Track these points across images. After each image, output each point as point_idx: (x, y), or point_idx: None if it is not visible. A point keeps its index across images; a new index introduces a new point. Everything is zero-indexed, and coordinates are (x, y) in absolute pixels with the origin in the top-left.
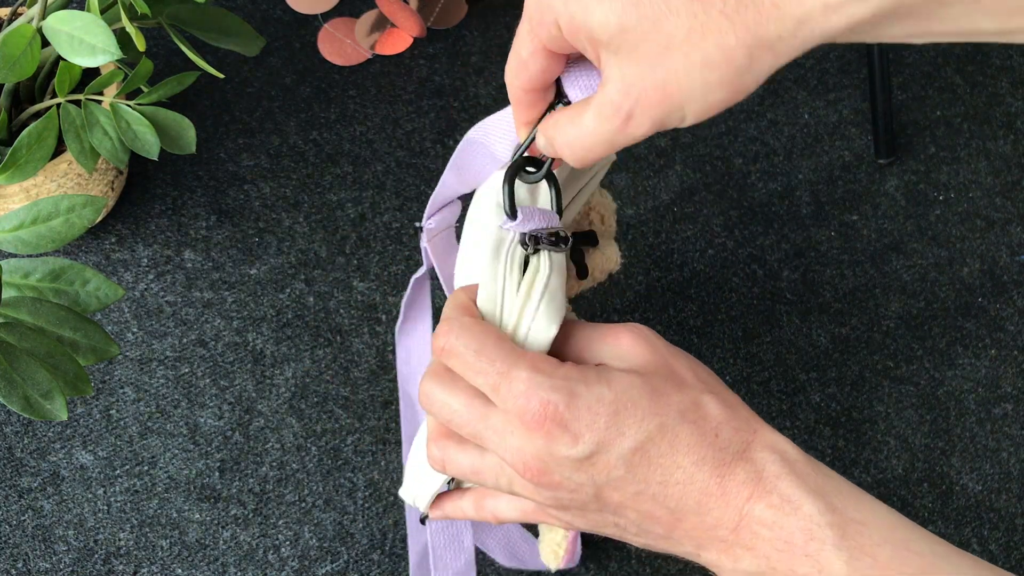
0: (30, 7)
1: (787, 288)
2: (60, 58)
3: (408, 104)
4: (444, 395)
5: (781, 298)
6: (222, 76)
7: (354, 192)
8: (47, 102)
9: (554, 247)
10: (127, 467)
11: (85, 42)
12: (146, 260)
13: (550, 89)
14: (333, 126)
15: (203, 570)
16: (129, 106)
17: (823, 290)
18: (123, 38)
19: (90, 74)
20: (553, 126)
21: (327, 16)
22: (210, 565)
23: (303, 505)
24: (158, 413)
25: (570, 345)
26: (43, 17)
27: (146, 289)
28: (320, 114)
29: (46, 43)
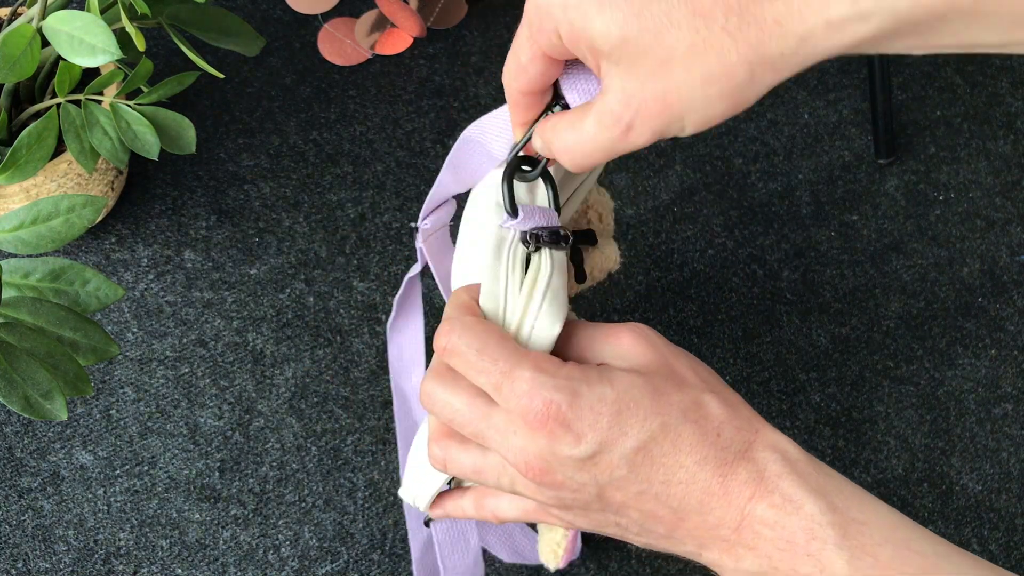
0: (30, 7)
1: (787, 288)
2: (60, 58)
3: (408, 104)
4: (446, 394)
5: (781, 298)
6: (222, 76)
7: (354, 192)
8: (47, 102)
9: (555, 245)
10: (127, 467)
11: (85, 42)
12: (146, 260)
13: (547, 91)
14: (333, 126)
15: (203, 570)
16: (129, 106)
17: (823, 290)
18: (123, 38)
19: (90, 74)
20: (551, 130)
21: (327, 16)
22: (210, 565)
23: (303, 505)
24: (158, 413)
25: (571, 345)
26: (43, 17)
27: (146, 289)
28: (320, 114)
29: (46, 43)
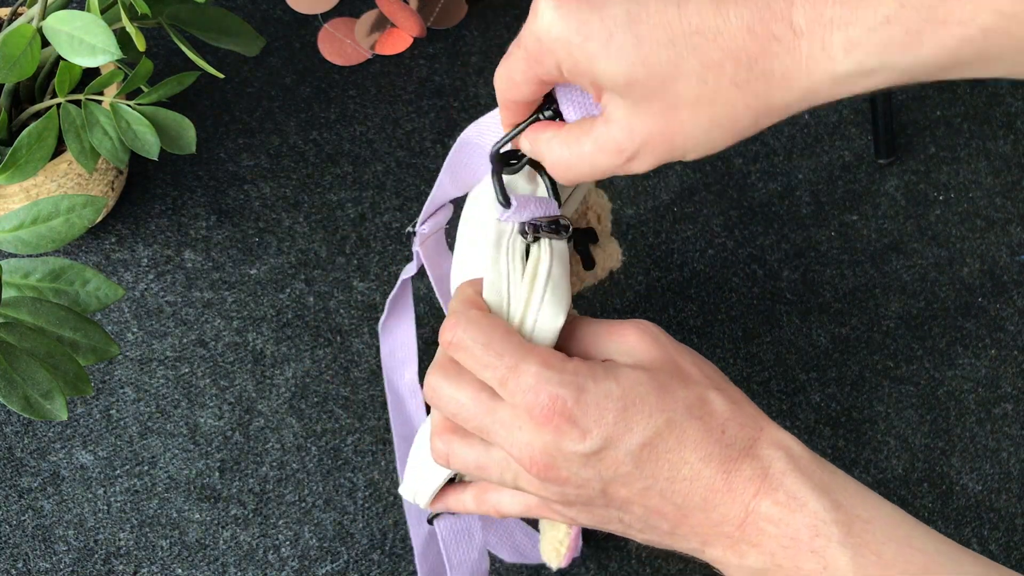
0: (30, 7)
1: (787, 288)
2: (60, 58)
3: (408, 104)
4: (451, 389)
5: (781, 298)
6: (222, 76)
7: (354, 192)
8: (47, 102)
9: (554, 234)
10: (127, 467)
11: (85, 42)
12: (146, 260)
13: (539, 98)
14: (333, 126)
15: (203, 570)
16: (129, 106)
17: (823, 290)
18: (123, 38)
19: (90, 74)
20: (545, 143)
21: (327, 16)
22: (210, 565)
23: (303, 505)
24: (158, 413)
25: (575, 341)
26: (43, 17)
27: (146, 289)
28: (320, 114)
29: (46, 43)
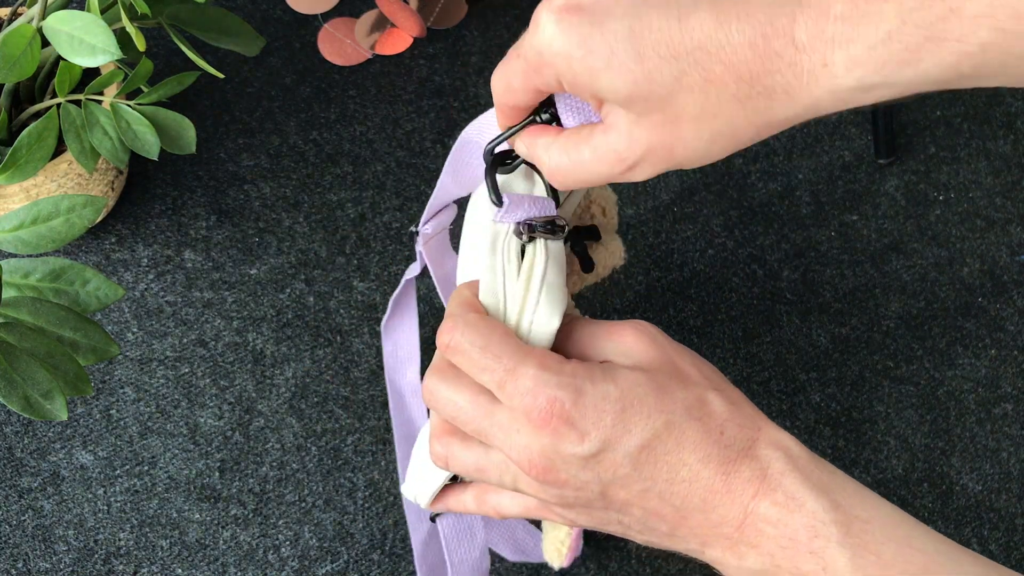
0: (30, 7)
1: (787, 288)
2: (60, 58)
3: (408, 104)
4: (449, 391)
5: (781, 298)
6: (222, 76)
7: (354, 192)
8: (47, 102)
9: (550, 235)
10: (127, 467)
11: (85, 42)
12: (146, 260)
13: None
14: (333, 126)
15: (203, 570)
16: (129, 106)
17: (823, 290)
18: (123, 38)
19: (90, 74)
20: (543, 149)
21: (327, 16)
22: (210, 565)
23: (303, 505)
24: (158, 413)
25: (573, 342)
26: (43, 17)
27: (146, 289)
28: (320, 114)
29: (46, 43)
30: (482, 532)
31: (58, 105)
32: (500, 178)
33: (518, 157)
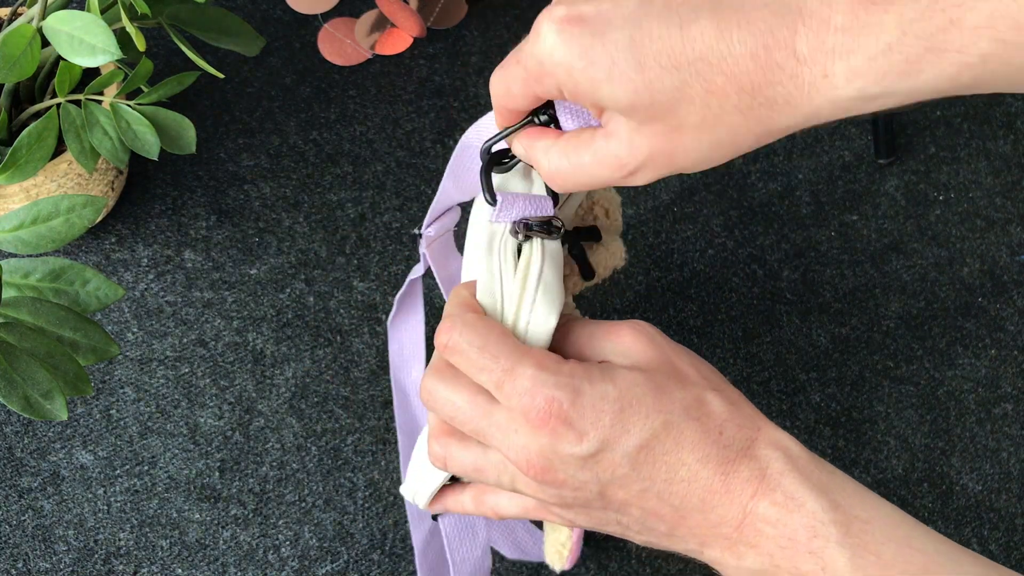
0: (30, 7)
1: (787, 288)
2: (60, 58)
3: (408, 104)
4: (447, 392)
5: (781, 298)
6: (222, 76)
7: (354, 192)
8: (47, 102)
9: (546, 234)
10: (127, 467)
11: (85, 42)
12: (146, 260)
13: None
14: (333, 126)
15: (203, 570)
16: (129, 106)
17: (823, 290)
18: (123, 38)
19: (90, 74)
20: (543, 151)
21: (327, 16)
22: (210, 565)
23: (303, 505)
24: (158, 413)
25: (571, 342)
26: (43, 17)
27: (146, 289)
28: (320, 114)
29: (46, 43)
30: (484, 531)
31: (58, 105)
32: (499, 178)
33: (515, 157)
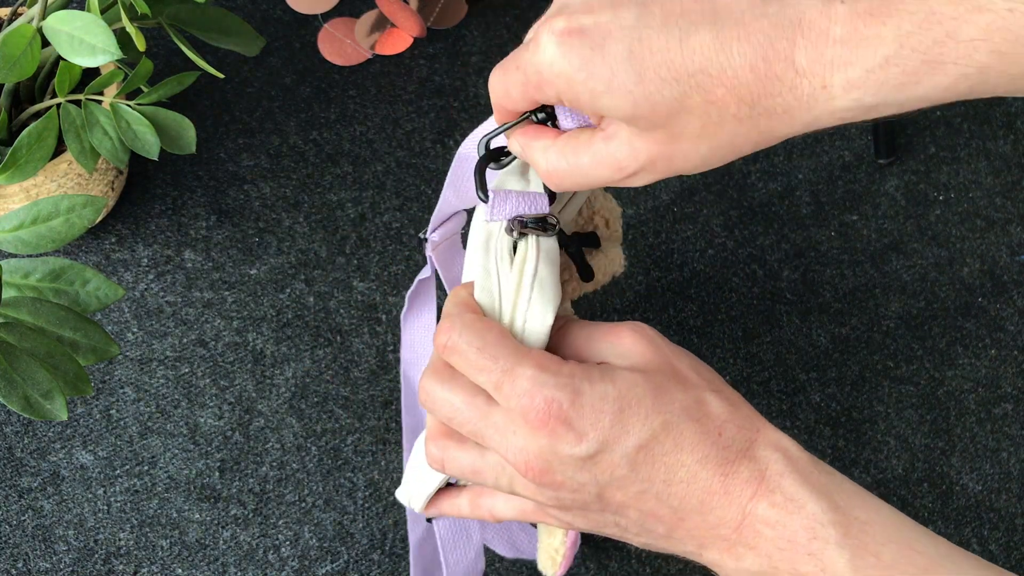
0: (30, 7)
1: (787, 288)
2: (60, 58)
3: (408, 104)
4: (445, 392)
5: (781, 298)
6: (222, 76)
7: (354, 192)
8: (47, 102)
9: (541, 231)
10: (127, 467)
11: (85, 42)
12: (146, 260)
13: None
14: (333, 126)
15: (203, 570)
16: (129, 106)
17: (823, 290)
18: (123, 38)
19: (90, 74)
20: (541, 151)
21: (327, 16)
22: (210, 565)
23: (303, 505)
24: (158, 413)
25: (570, 343)
26: (43, 17)
27: (146, 289)
28: (320, 114)
29: (46, 43)
30: (478, 534)
31: (58, 105)
32: (497, 177)
33: (511, 154)
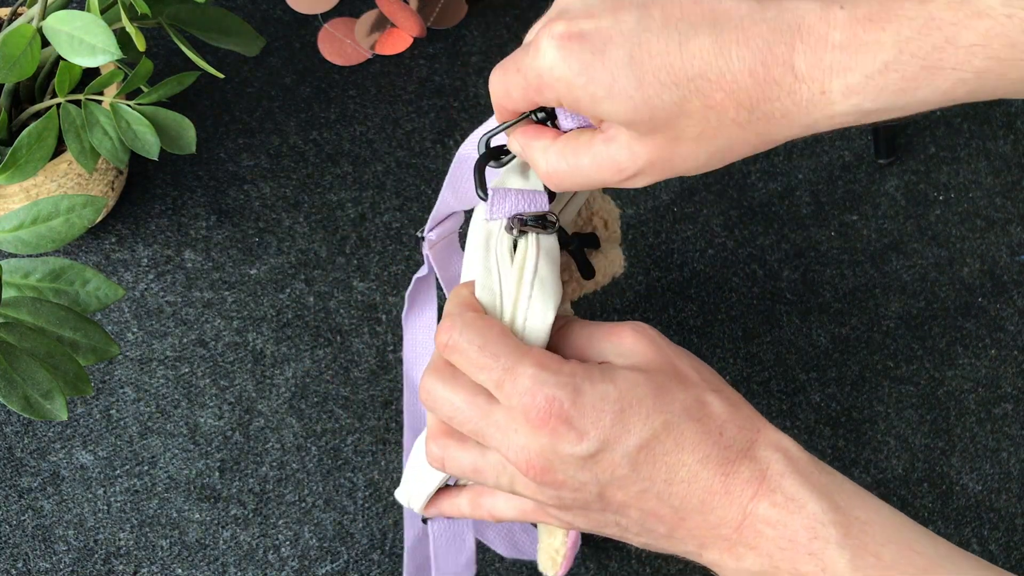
0: (30, 7)
1: (787, 288)
2: (60, 58)
3: (408, 104)
4: (446, 391)
5: (781, 298)
6: (222, 76)
7: (354, 192)
8: (47, 102)
9: (540, 229)
10: (127, 467)
11: (85, 42)
12: (146, 260)
13: None
14: (333, 126)
15: (203, 570)
16: (129, 106)
17: (823, 290)
18: (123, 38)
19: (90, 74)
20: (541, 151)
21: (327, 16)
22: (210, 565)
23: (303, 505)
24: (158, 413)
25: (571, 343)
26: (43, 17)
27: (146, 289)
28: (320, 114)
29: (46, 43)
30: (472, 541)
31: (58, 105)
32: (497, 176)
33: (510, 153)
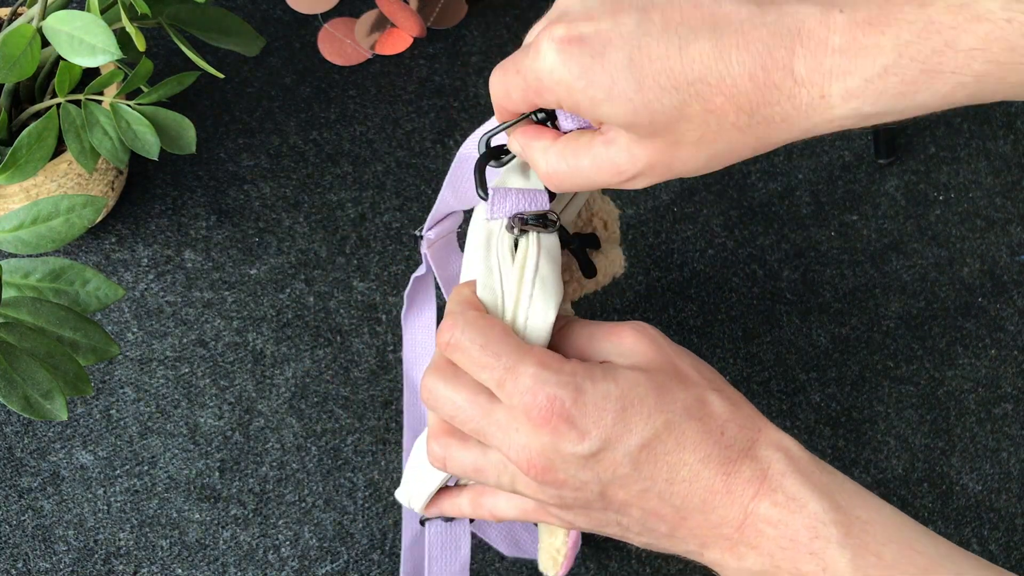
0: (30, 7)
1: (787, 288)
2: (60, 58)
3: (408, 104)
4: (447, 390)
5: (781, 298)
6: (222, 76)
7: (354, 192)
8: (47, 102)
9: (541, 228)
10: (127, 467)
11: (85, 42)
12: (146, 260)
13: None
14: (333, 126)
15: (203, 570)
16: (129, 106)
17: (823, 290)
18: (123, 38)
19: (90, 74)
20: (540, 152)
21: (327, 16)
22: (210, 565)
23: (303, 505)
24: (158, 413)
25: (572, 343)
26: (43, 17)
27: (146, 289)
28: (320, 114)
29: (46, 43)
30: (467, 549)
31: (58, 105)
32: (497, 176)
33: (510, 153)
